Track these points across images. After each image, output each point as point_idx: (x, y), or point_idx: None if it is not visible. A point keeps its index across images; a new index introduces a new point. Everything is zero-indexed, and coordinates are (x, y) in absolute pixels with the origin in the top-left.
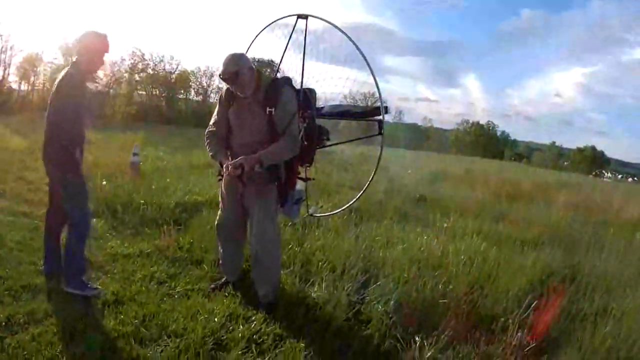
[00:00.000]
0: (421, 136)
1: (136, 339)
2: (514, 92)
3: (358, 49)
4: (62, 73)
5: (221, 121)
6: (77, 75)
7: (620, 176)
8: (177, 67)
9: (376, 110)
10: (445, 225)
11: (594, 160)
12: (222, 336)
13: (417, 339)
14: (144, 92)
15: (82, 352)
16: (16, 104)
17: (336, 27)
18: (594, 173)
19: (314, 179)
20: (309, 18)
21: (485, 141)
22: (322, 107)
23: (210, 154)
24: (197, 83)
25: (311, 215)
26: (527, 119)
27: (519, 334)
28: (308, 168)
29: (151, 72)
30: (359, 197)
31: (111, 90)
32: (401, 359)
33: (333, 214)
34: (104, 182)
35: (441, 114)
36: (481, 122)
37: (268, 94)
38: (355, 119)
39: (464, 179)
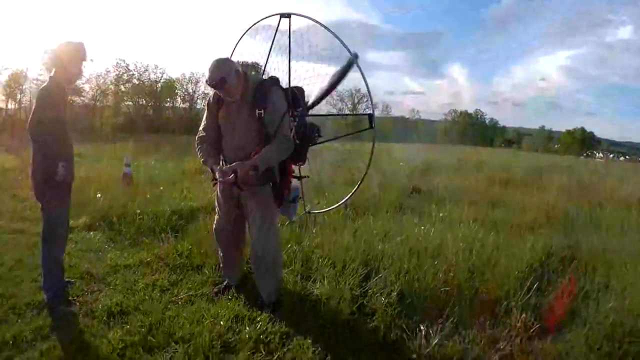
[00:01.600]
0: (409, 129)
1: (144, 347)
2: (500, 79)
3: (343, 43)
4: (40, 88)
5: (210, 126)
6: (54, 88)
7: (612, 155)
8: (162, 76)
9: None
10: (441, 214)
11: (584, 142)
12: (229, 338)
13: (422, 327)
14: (130, 103)
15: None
16: (4, 122)
17: (320, 23)
18: (585, 154)
19: (308, 177)
20: (292, 17)
21: (474, 129)
22: (310, 106)
23: (202, 160)
24: (183, 90)
25: (308, 212)
26: (514, 104)
27: (523, 315)
28: (301, 166)
29: (136, 82)
30: (354, 192)
31: (97, 103)
32: (408, 347)
33: (330, 209)
34: (99, 195)
35: (428, 105)
36: (469, 111)
37: (257, 95)
38: (344, 115)
39: (456, 167)
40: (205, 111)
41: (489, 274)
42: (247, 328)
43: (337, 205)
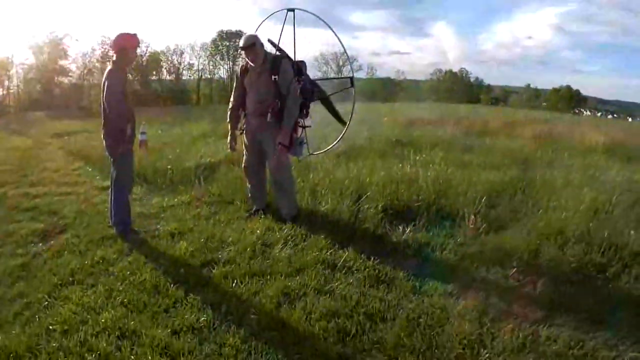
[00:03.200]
0: (395, 89)
1: (205, 250)
2: (486, 36)
3: (336, 36)
4: (106, 70)
5: (238, 91)
6: (117, 70)
7: (599, 114)
8: (147, 49)
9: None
10: (417, 157)
11: (570, 99)
12: (266, 239)
13: (400, 226)
14: None
15: (169, 263)
16: None
17: (317, 16)
18: (573, 111)
19: (310, 126)
20: (295, 11)
21: (459, 88)
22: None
23: (227, 121)
24: (169, 62)
25: (311, 154)
26: (501, 63)
27: (473, 218)
28: (305, 118)
29: None
30: (343, 134)
31: (85, 82)
32: (390, 237)
33: (328, 149)
34: None
35: (414, 65)
36: (454, 70)
37: (272, 66)
38: (331, 79)
39: (437, 122)
40: (235, 81)
41: (451, 194)
42: (277, 233)
43: (331, 146)
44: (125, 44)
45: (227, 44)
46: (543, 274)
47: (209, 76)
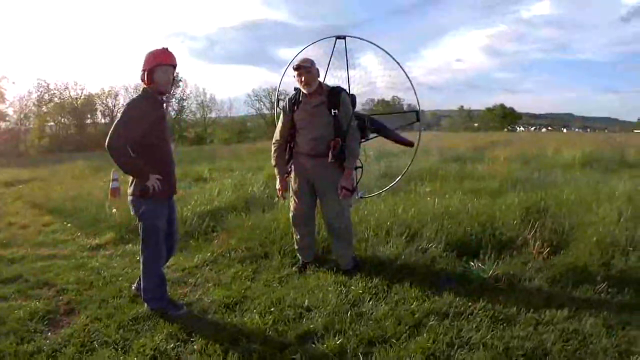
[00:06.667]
0: None
1: (284, 320)
2: (414, 63)
3: (398, 63)
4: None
5: (285, 127)
6: (143, 97)
7: (532, 128)
8: (82, 92)
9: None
10: (427, 189)
11: (505, 117)
12: (348, 298)
13: (471, 262)
14: (52, 123)
15: (256, 344)
16: None
17: (372, 43)
18: (506, 129)
19: (361, 167)
20: (347, 38)
21: (393, 116)
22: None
23: (273, 163)
24: (103, 105)
25: (361, 197)
26: (431, 88)
27: (537, 242)
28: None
29: (57, 101)
30: (402, 177)
31: (22, 127)
32: (472, 274)
33: (377, 193)
34: (114, 210)
35: None
36: (386, 99)
37: (331, 99)
38: (390, 113)
39: (405, 150)
40: (281, 116)
41: (497, 223)
42: (354, 287)
43: (381, 190)
44: (155, 61)
45: None
46: (624, 284)
47: None
